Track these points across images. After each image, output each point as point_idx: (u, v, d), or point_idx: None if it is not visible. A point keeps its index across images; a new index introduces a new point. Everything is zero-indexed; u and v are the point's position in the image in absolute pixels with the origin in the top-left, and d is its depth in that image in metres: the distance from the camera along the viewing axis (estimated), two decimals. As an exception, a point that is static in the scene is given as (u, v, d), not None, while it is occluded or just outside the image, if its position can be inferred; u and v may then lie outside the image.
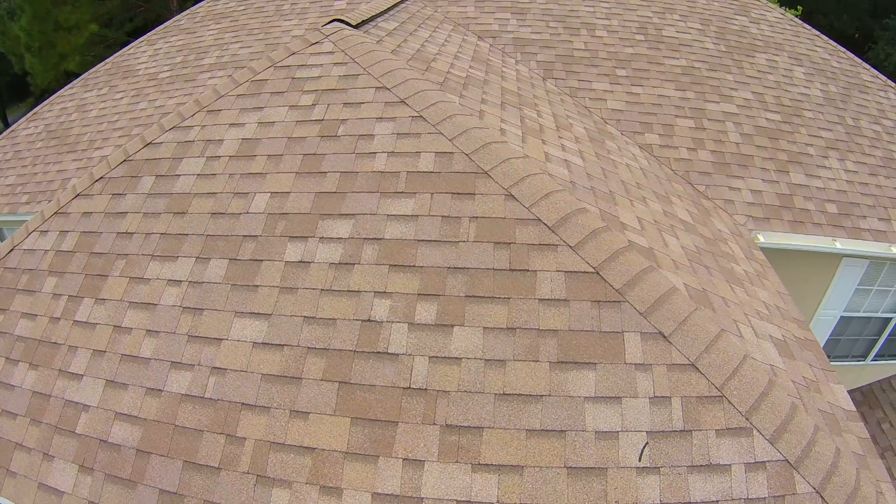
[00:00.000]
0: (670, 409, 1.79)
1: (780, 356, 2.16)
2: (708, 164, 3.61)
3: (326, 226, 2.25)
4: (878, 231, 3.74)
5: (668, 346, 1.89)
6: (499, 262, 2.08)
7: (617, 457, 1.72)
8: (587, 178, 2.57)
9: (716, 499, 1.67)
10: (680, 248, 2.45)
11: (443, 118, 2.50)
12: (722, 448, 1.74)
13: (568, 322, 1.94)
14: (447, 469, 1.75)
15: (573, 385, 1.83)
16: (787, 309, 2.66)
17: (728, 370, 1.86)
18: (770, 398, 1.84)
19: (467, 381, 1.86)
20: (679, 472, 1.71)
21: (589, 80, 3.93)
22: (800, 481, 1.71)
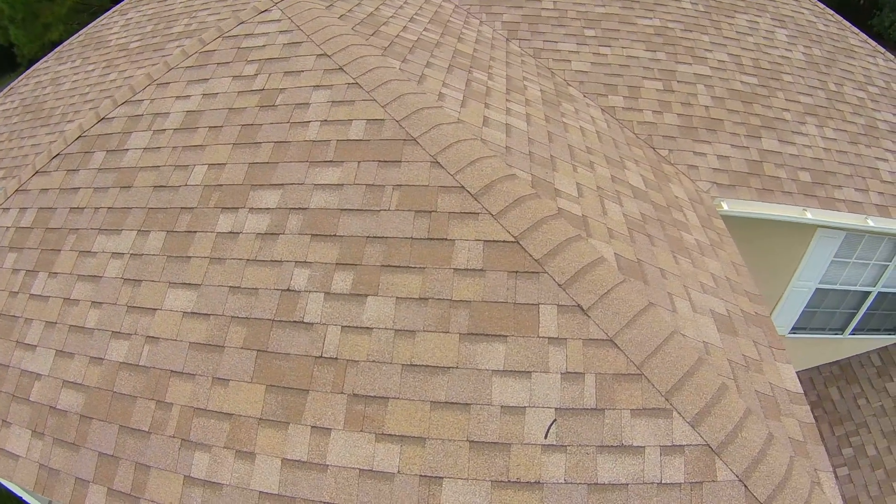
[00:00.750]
0: (583, 386, 1.49)
1: (718, 332, 1.81)
2: (673, 127, 3.05)
3: (257, 196, 1.98)
4: (854, 202, 3.13)
5: (586, 320, 1.56)
6: (418, 230, 1.77)
7: (522, 433, 1.46)
8: (527, 143, 2.15)
9: (625, 481, 1.41)
10: (621, 215, 2.04)
11: (377, 84, 2.11)
12: (636, 429, 1.46)
13: (482, 293, 1.63)
14: (352, 437, 1.54)
15: (482, 358, 1.55)
16: (740, 281, 2.24)
17: (650, 347, 1.53)
18: (695, 378, 1.52)
19: (376, 351, 1.62)
20: (587, 451, 1.44)
21: (555, 41, 3.35)
22: (721, 468, 1.42)
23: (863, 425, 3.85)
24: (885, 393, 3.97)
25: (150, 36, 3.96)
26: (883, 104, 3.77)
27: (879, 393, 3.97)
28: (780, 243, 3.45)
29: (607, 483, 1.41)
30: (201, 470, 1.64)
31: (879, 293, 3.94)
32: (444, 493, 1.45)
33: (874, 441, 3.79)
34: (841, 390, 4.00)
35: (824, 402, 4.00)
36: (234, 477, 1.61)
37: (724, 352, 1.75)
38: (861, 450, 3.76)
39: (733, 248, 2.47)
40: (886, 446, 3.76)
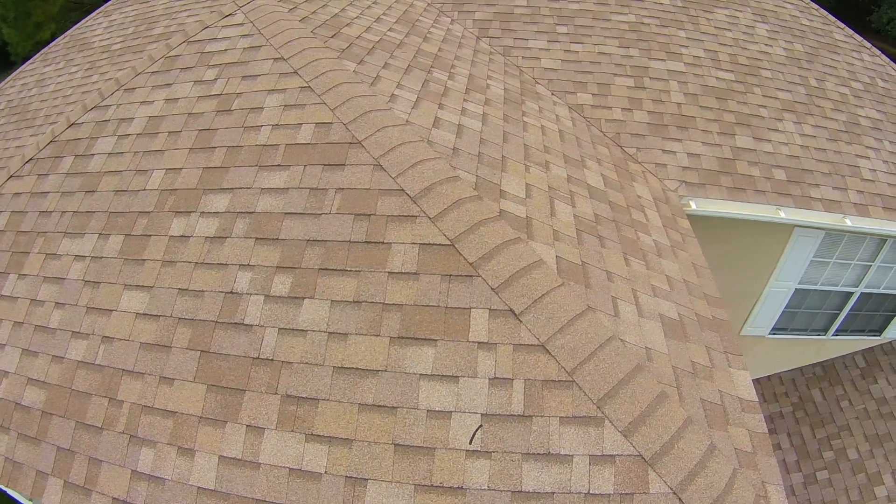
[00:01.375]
0: (511, 392, 1.45)
1: (665, 338, 1.73)
2: (643, 125, 2.93)
3: (208, 200, 1.97)
4: (832, 201, 2.97)
5: (518, 325, 1.51)
6: (356, 234, 1.73)
7: (447, 437, 1.43)
8: (478, 144, 2.09)
9: (551, 490, 1.36)
10: (572, 216, 1.97)
11: (329, 88, 2.08)
12: (565, 437, 1.40)
13: (414, 296, 1.59)
14: (283, 437, 1.53)
15: (410, 361, 1.52)
16: (700, 284, 2.14)
17: (583, 353, 1.47)
18: (631, 386, 1.45)
19: (309, 353, 1.60)
20: (513, 458, 1.39)
21: (525, 38, 3.25)
22: (654, 480, 1.35)
23: (845, 428, 3.69)
24: (869, 395, 3.80)
25: (132, 38, 3.95)
26: (866, 100, 3.56)
27: (863, 395, 3.80)
28: (758, 243, 3.30)
29: (532, 491, 1.35)
30: (147, 465, 1.66)
31: (862, 294, 3.75)
32: (368, 494, 1.44)
33: (856, 444, 3.64)
34: (823, 392, 3.84)
35: (806, 404, 3.85)
36: (175, 472, 1.62)
37: (668, 358, 1.66)
38: (842, 453, 3.61)
39: (696, 249, 2.37)
40: (869, 450, 3.61)
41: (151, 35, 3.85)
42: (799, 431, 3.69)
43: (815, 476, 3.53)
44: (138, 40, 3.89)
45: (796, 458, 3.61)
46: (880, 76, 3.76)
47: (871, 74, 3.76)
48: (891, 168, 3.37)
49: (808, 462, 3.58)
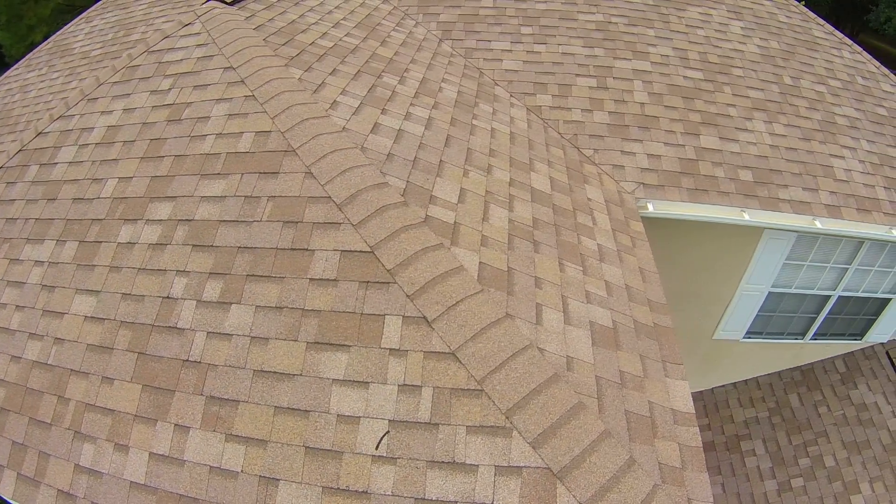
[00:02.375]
0: (419, 400, 1.45)
1: (592, 346, 1.69)
2: (602, 126, 2.86)
3: (153, 208, 2.03)
4: (801, 202, 2.85)
5: (430, 332, 1.52)
6: (283, 241, 1.76)
7: (355, 442, 1.45)
8: (417, 149, 2.08)
9: (454, 499, 1.35)
10: (507, 221, 1.95)
11: (271, 96, 2.10)
12: (471, 446, 1.38)
13: (332, 303, 1.61)
14: (206, 437, 1.58)
15: (324, 367, 1.54)
16: (644, 289, 2.09)
17: (494, 362, 1.46)
18: (543, 396, 1.42)
19: (233, 356, 1.64)
20: (417, 465, 1.40)
21: (488, 40, 3.20)
22: (563, 494, 1.31)
23: (822, 434, 3.55)
24: (849, 401, 3.65)
25: (111, 44, 4.03)
26: (844, 98, 3.40)
27: (842, 401, 3.65)
28: (727, 245, 3.19)
29: (435, 499, 1.35)
30: (87, 459, 1.73)
31: (840, 297, 3.60)
32: (279, 494, 1.47)
33: (833, 451, 3.50)
34: (801, 397, 3.70)
35: (783, 409, 3.73)
36: (111, 467, 1.69)
37: (593, 367, 1.62)
38: (819, 460, 3.49)
39: (647, 252, 2.31)
40: (846, 457, 3.47)
41: (129, 41, 3.93)
42: (775, 437, 3.58)
43: (789, 483, 3.42)
44: (116, 46, 3.97)
45: (771, 464, 3.51)
46: (860, 74, 3.58)
47: (851, 72, 3.59)
48: (867, 168, 3.21)
49: (782, 469, 3.47)
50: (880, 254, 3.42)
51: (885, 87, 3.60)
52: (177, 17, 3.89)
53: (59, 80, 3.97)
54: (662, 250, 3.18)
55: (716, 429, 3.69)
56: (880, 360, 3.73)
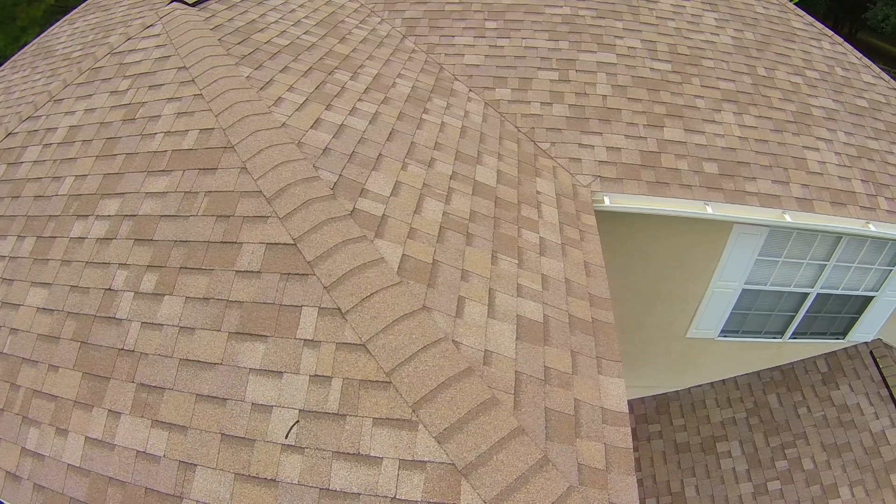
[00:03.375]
0: (328, 390, 1.47)
1: (516, 341, 1.66)
2: (561, 119, 2.82)
3: (104, 204, 2.10)
4: (770, 195, 2.76)
5: (343, 324, 1.53)
6: (215, 234, 1.80)
7: (266, 431, 1.48)
8: (355, 144, 2.10)
9: (357, 491, 1.35)
10: (441, 214, 1.95)
11: (216, 94, 2.15)
12: (376, 439, 1.38)
13: (254, 294, 1.65)
14: (134, 422, 1.63)
15: (243, 356, 1.58)
16: (587, 284, 2.05)
17: (404, 354, 1.46)
18: (452, 390, 1.41)
19: (162, 346, 1.69)
20: (324, 455, 1.41)
21: (452, 35, 3.19)
22: (467, 491, 1.28)
23: (801, 436, 3.42)
24: (830, 402, 3.51)
25: (91, 45, 4.13)
26: (822, 89, 3.26)
27: (823, 402, 3.51)
28: (696, 241, 3.11)
29: (339, 490, 1.36)
30: (32, 443, 1.81)
31: (819, 295, 3.46)
32: (196, 479, 1.51)
33: (812, 454, 3.38)
34: (780, 397, 3.58)
35: (761, 410, 3.61)
36: (52, 450, 1.76)
37: (514, 362, 1.59)
38: (797, 463, 3.36)
39: (595, 246, 2.27)
40: (826, 460, 3.34)
41: (107, 42, 4.04)
42: (752, 439, 3.48)
43: (766, 486, 3.31)
44: (95, 48, 4.10)
45: (747, 466, 3.40)
46: (840, 65, 3.44)
47: (831, 63, 3.45)
48: (843, 160, 3.09)
49: (759, 471, 3.37)
50: (860, 250, 3.28)
51: (866, 77, 3.46)
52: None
53: (40, 81, 4.12)
54: (628, 246, 3.13)
55: (691, 429, 3.60)
56: (864, 360, 3.58)
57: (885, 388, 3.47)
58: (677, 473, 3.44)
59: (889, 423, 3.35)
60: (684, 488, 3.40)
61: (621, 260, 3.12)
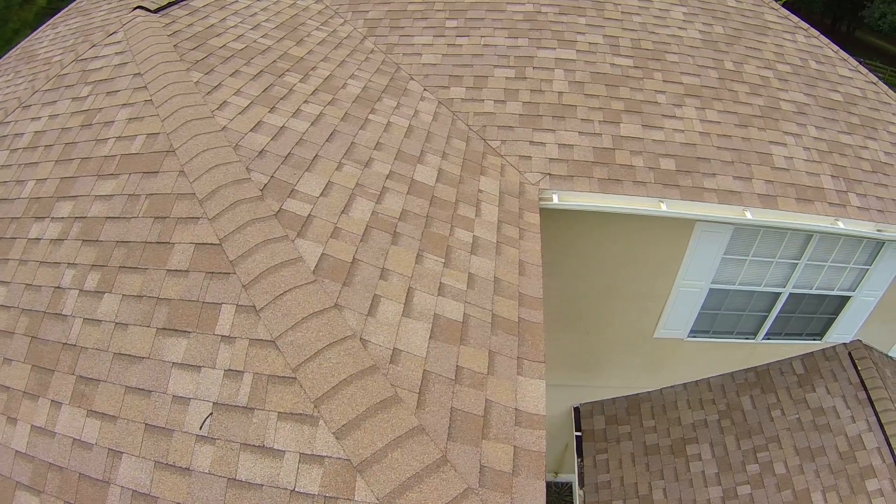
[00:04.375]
0: (240, 384, 1.56)
1: (429, 340, 1.69)
2: (514, 117, 2.85)
3: (59, 207, 2.24)
4: (731, 192, 2.74)
5: (257, 321, 1.63)
6: (152, 235, 1.92)
7: (183, 422, 1.58)
8: (293, 145, 2.19)
9: (261, 482, 1.42)
10: (369, 214, 2.02)
11: (164, 100, 2.27)
12: (280, 432, 1.45)
13: (181, 292, 1.76)
14: (73, 412, 1.76)
15: (168, 351, 1.69)
16: (519, 283, 2.08)
17: (310, 351, 1.53)
18: (353, 387, 1.46)
19: (100, 340, 1.82)
20: (233, 447, 1.49)
21: (411, 35, 3.24)
22: (362, 488, 1.33)
23: (774, 440, 3.38)
24: (805, 405, 3.45)
25: (70, 49, 4.33)
26: (793, 83, 3.20)
27: (798, 404, 3.46)
28: (658, 239, 3.10)
29: (244, 481, 1.43)
30: (-13, 432, 1.99)
31: (792, 294, 3.40)
32: (122, 466, 1.63)
33: (784, 458, 3.33)
34: (754, 399, 3.53)
35: (734, 412, 3.57)
36: (3, 437, 1.92)
37: (423, 362, 1.62)
38: (768, 467, 3.32)
39: (534, 245, 2.31)
40: (798, 464, 3.29)
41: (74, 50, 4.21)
42: (723, 441, 3.45)
43: (735, 491, 3.29)
44: (64, 54, 4.29)
45: (717, 470, 3.38)
46: (815, 58, 3.36)
47: (805, 56, 3.37)
48: (812, 156, 3.03)
49: (729, 475, 3.34)
50: (832, 248, 3.22)
51: (842, 71, 3.37)
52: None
53: (22, 85, 4.33)
54: (586, 244, 3.14)
55: (662, 431, 3.60)
56: (842, 362, 3.50)
57: (862, 390, 3.40)
58: (645, 476, 3.45)
59: (866, 427, 3.28)
60: (652, 491, 3.41)
61: (579, 259, 3.14)
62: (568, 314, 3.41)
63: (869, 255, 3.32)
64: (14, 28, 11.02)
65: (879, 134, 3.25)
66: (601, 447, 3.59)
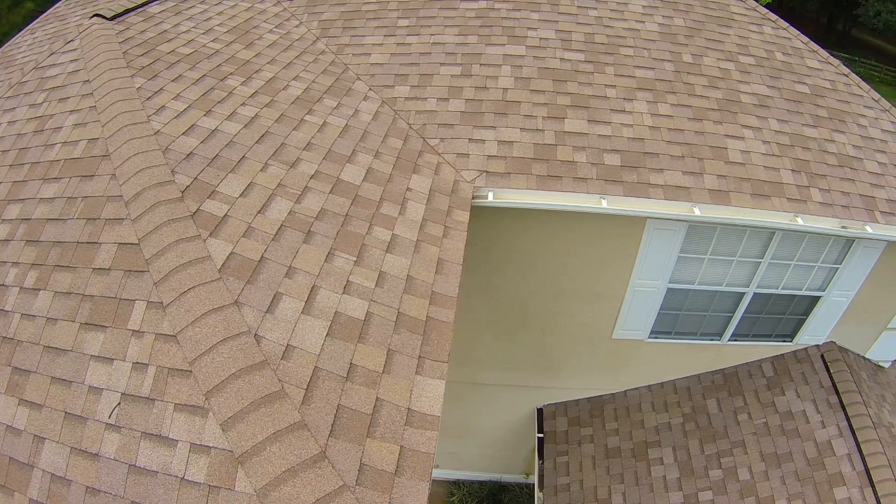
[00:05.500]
0: (145, 376, 1.71)
1: (326, 337, 1.78)
2: (456, 114, 2.92)
3: (9, 209, 2.44)
4: (678, 187, 2.74)
5: (163, 316, 1.77)
6: (84, 235, 2.09)
7: (95, 410, 1.73)
8: (222, 147, 2.34)
9: (156, 469, 1.56)
10: (286, 213, 2.15)
11: (107, 105, 2.45)
12: (175, 423, 1.58)
13: (103, 289, 1.92)
14: (7, 401, 1.95)
15: (88, 344, 1.85)
16: (434, 282, 2.14)
17: (206, 346, 1.66)
18: (241, 381, 1.57)
19: (33, 334, 2.00)
20: (135, 435, 1.64)
21: (362, 35, 3.34)
22: (241, 478, 1.43)
23: (739, 444, 3.35)
24: (773, 408, 3.40)
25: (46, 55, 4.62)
26: (756, 75, 3.16)
27: (766, 408, 3.41)
28: (609, 237, 3.12)
29: (143, 467, 1.57)
30: (-58, 418, 2.21)
31: (757, 294, 3.35)
32: (44, 451, 1.81)
33: (749, 463, 3.30)
34: (720, 403, 3.50)
35: (699, 415, 3.55)
36: (-47, 425, 2.15)
37: (315, 358, 1.70)
38: (732, 472, 3.30)
39: (458, 243, 2.37)
40: (763, 470, 3.26)
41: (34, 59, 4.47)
42: (686, 445, 3.44)
43: (696, 496, 3.28)
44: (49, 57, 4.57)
45: (678, 475, 3.38)
46: (782, 49, 3.30)
47: (771, 48, 3.32)
48: (772, 149, 3.00)
49: (691, 480, 3.34)
50: (798, 246, 3.17)
51: (811, 63, 3.30)
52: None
53: None
54: (531, 243, 3.17)
55: (624, 434, 3.61)
56: (813, 364, 3.44)
57: (834, 394, 3.33)
58: (605, 479, 3.48)
59: (836, 433, 3.22)
60: (611, 495, 3.44)
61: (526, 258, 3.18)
62: (521, 314, 3.47)
63: (839, 254, 3.25)
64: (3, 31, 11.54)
65: (848, 127, 3.17)
66: (562, 449, 3.63)
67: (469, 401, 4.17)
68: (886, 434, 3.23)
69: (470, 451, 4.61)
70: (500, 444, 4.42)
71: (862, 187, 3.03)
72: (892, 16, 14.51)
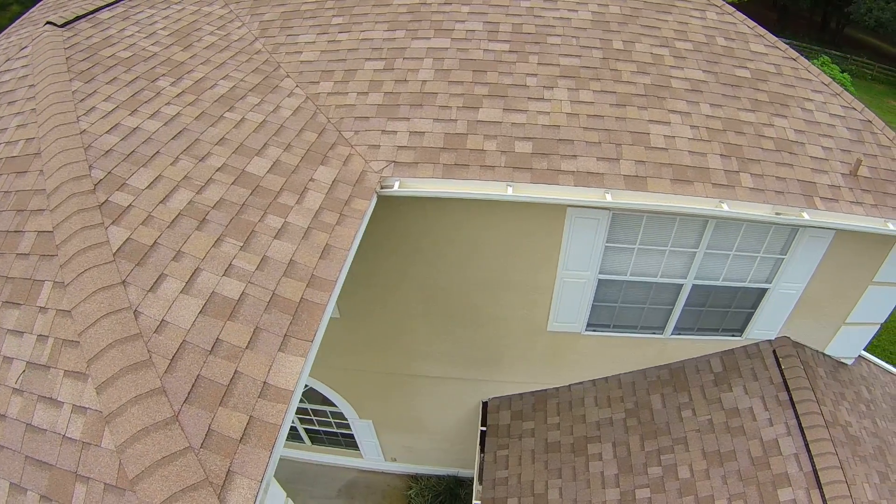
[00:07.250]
0: (45, 347, 2.05)
1: (198, 315, 2.08)
2: (373, 107, 3.18)
3: (-37, 202, 2.91)
4: (590, 174, 2.90)
5: (63, 294, 2.13)
6: (11, 225, 2.48)
7: (7, 377, 2.11)
8: (141, 144, 2.69)
9: (45, 428, 1.89)
10: (185, 203, 2.47)
11: (44, 108, 2.86)
12: (63, 387, 1.92)
13: (21, 271, 2.29)
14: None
15: (5, 320, 2.23)
16: (315, 266, 2.41)
17: (91, 320, 1.99)
18: (115, 350, 1.89)
19: (-34, 314, 2.41)
20: (31, 399, 1.98)
21: (297, 34, 3.65)
22: (107, 436, 1.74)
23: (681, 441, 3.41)
24: (719, 405, 3.43)
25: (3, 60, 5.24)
26: (691, 61, 3.24)
27: (711, 404, 3.45)
28: (530, 227, 3.28)
29: (36, 426, 1.90)
30: None
31: (697, 286, 3.39)
32: (-32, 412, 2.21)
33: (690, 461, 3.36)
34: (665, 398, 3.56)
35: (641, 411, 3.62)
36: None
37: (184, 333, 2.01)
38: (672, 470, 3.37)
39: (350, 231, 2.60)
40: (705, 469, 3.31)
41: None
42: (626, 441, 3.54)
43: (633, 494, 3.38)
44: None
45: (617, 471, 3.49)
46: (724, 34, 3.37)
47: (712, 33, 3.39)
48: (700, 134, 3.08)
49: (629, 477, 3.44)
50: (735, 235, 3.21)
51: (755, 47, 3.34)
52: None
53: None
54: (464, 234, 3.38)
55: (565, 429, 3.74)
56: (764, 360, 3.44)
57: (784, 391, 3.33)
58: (543, 474, 3.62)
59: (784, 431, 3.23)
60: (548, 490, 3.58)
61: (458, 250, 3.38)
62: (456, 307, 3.67)
63: (784, 244, 3.27)
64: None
65: (791, 111, 3.20)
66: (503, 443, 3.81)
67: (417, 394, 4.40)
68: (842, 433, 3.21)
69: (424, 445, 4.84)
70: (452, 437, 4.63)
71: (801, 172, 3.05)
72: (882, 13, 14.82)
